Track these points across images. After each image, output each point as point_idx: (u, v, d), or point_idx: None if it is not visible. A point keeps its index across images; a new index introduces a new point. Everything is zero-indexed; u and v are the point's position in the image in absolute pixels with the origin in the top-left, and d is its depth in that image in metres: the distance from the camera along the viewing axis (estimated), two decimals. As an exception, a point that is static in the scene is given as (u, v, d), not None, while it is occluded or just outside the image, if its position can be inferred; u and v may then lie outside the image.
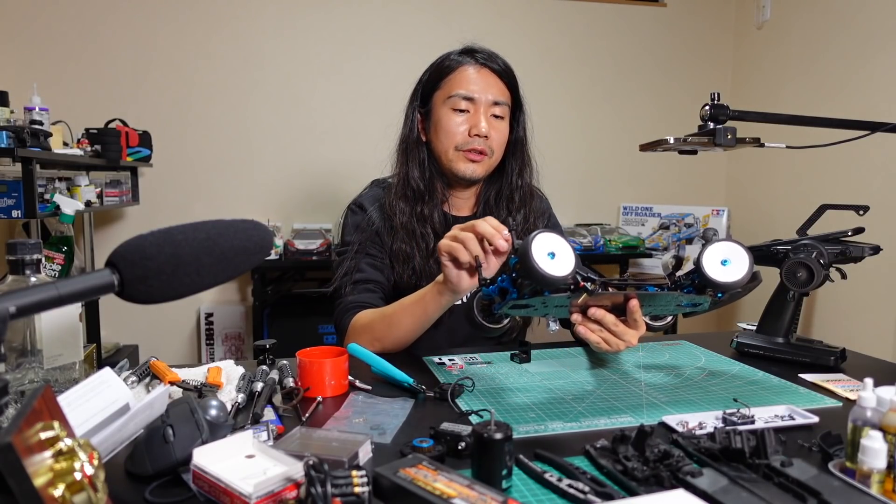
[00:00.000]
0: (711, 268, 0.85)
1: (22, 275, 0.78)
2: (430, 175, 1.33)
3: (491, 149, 1.31)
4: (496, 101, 1.30)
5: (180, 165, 2.87)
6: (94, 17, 2.74)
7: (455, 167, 1.31)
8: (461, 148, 1.29)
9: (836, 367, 1.11)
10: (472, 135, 1.28)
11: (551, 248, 0.80)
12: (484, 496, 0.58)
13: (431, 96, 1.34)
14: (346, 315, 1.24)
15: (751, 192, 3.28)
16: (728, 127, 1.10)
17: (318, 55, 2.96)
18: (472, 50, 1.32)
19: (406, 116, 1.37)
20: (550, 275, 0.78)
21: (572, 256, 0.81)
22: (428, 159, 1.34)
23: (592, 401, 0.93)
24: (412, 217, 1.31)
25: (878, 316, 2.49)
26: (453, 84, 1.30)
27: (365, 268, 1.29)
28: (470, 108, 1.29)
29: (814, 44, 2.85)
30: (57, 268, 2.13)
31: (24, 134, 1.81)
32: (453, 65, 1.32)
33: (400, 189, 1.32)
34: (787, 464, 0.64)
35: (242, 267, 0.61)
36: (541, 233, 0.81)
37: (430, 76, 1.35)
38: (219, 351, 2.93)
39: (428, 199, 1.32)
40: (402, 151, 1.35)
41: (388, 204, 1.32)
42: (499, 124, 1.31)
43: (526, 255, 0.79)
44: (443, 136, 1.30)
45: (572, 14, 3.20)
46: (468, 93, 1.28)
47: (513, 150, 1.37)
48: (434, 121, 1.32)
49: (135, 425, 0.71)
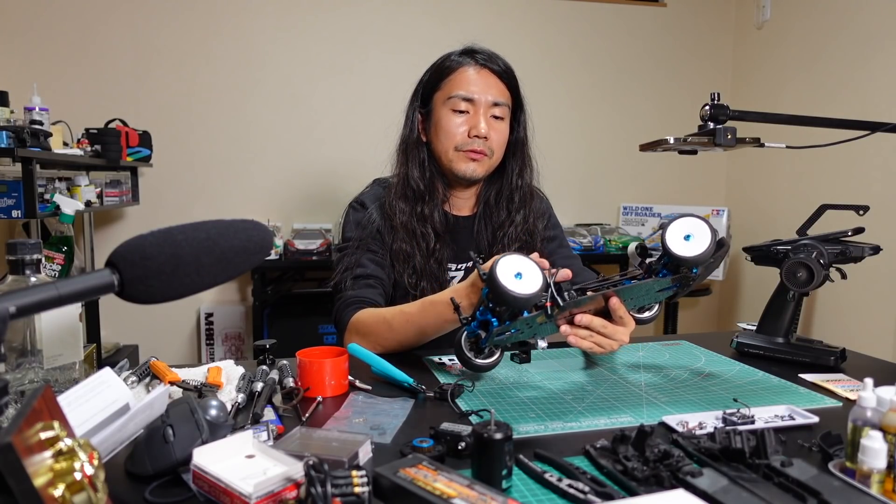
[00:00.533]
0: (676, 245, 0.86)
1: (22, 275, 0.78)
2: (431, 175, 1.33)
3: (490, 149, 1.30)
4: (496, 102, 1.30)
5: (180, 165, 2.87)
6: (94, 17, 2.74)
7: (455, 167, 1.31)
8: (461, 148, 1.29)
9: (836, 367, 1.11)
10: (472, 136, 1.28)
11: (517, 268, 0.84)
12: (484, 496, 0.58)
13: (432, 97, 1.34)
14: (347, 311, 1.23)
15: (751, 192, 3.28)
16: (728, 127, 1.10)
17: (318, 55, 2.96)
18: (472, 50, 1.32)
19: (406, 117, 1.37)
20: (520, 294, 0.82)
21: (539, 273, 0.84)
22: (428, 159, 1.34)
23: (592, 401, 0.93)
24: (412, 217, 1.31)
25: (878, 316, 2.49)
26: (453, 85, 1.30)
27: (366, 263, 1.29)
28: (470, 108, 1.29)
29: (814, 44, 2.85)
30: (57, 268, 2.13)
31: (24, 134, 1.81)
32: (453, 65, 1.31)
33: (400, 189, 1.32)
34: (787, 464, 0.64)
35: (242, 267, 0.61)
36: (503, 256, 0.85)
37: (431, 77, 1.35)
38: (219, 351, 2.93)
39: (428, 199, 1.32)
40: (402, 151, 1.35)
41: (388, 204, 1.32)
42: (498, 125, 1.31)
43: (493, 280, 0.82)
44: (443, 136, 1.31)
45: (572, 14, 3.20)
46: (468, 94, 1.29)
47: (513, 151, 1.37)
48: (434, 121, 1.32)
49: (135, 425, 0.71)
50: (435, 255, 1.31)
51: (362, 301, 1.24)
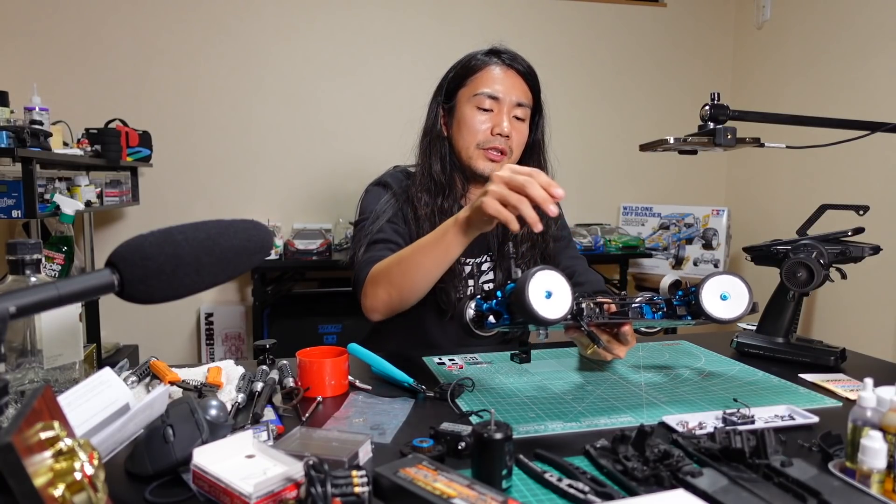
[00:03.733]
0: (710, 302, 0.85)
1: (22, 275, 0.78)
2: (451, 170, 1.34)
3: (510, 149, 1.31)
4: (519, 103, 1.31)
5: (180, 165, 2.87)
6: (94, 17, 2.74)
7: (475, 164, 1.31)
8: (482, 146, 1.30)
9: (836, 367, 1.11)
10: (495, 134, 1.29)
11: (549, 286, 0.78)
12: (484, 496, 0.58)
13: (456, 93, 1.35)
14: (364, 269, 1.19)
15: (751, 192, 3.28)
16: (728, 127, 1.10)
17: (319, 55, 2.96)
18: (497, 51, 1.34)
19: (429, 111, 1.38)
20: (544, 317, 0.76)
21: (569, 296, 0.79)
22: (449, 154, 1.35)
23: (592, 401, 0.93)
24: (434, 209, 1.31)
25: (878, 316, 2.49)
26: (479, 83, 1.31)
27: (387, 229, 1.28)
28: (494, 107, 1.30)
29: (814, 44, 2.85)
30: (57, 268, 2.13)
31: (24, 134, 1.81)
32: (480, 64, 1.33)
33: (423, 181, 1.33)
34: (787, 464, 0.64)
35: (242, 267, 0.61)
36: (540, 270, 0.78)
37: (456, 73, 1.36)
38: (219, 351, 2.93)
39: (448, 193, 1.33)
40: (425, 144, 1.36)
41: (413, 194, 1.33)
42: (520, 126, 1.32)
43: (522, 294, 0.76)
44: (465, 132, 1.31)
45: (572, 14, 3.21)
46: (493, 92, 1.29)
47: (529, 153, 1.37)
48: (458, 117, 1.33)
49: (135, 425, 0.71)
50: None
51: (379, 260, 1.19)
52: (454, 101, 1.35)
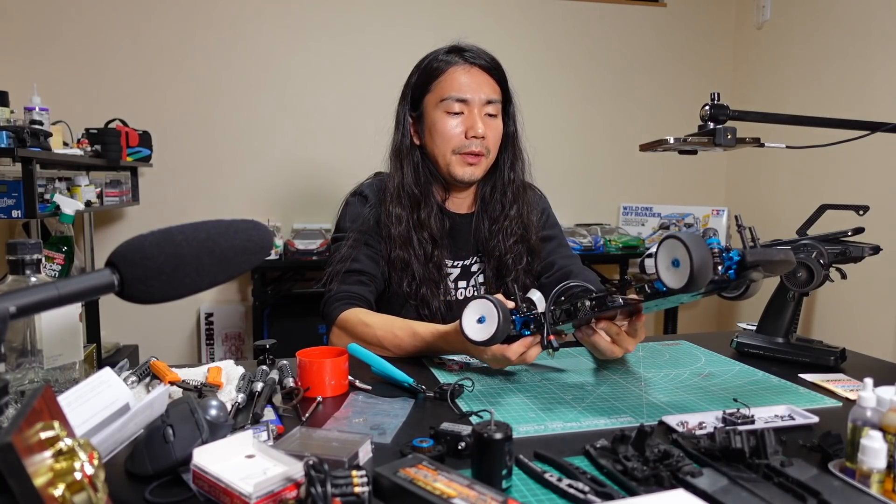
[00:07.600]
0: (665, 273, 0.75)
1: (22, 275, 0.78)
2: (426, 179, 1.31)
3: (487, 149, 1.29)
4: (489, 100, 1.28)
5: (180, 165, 2.87)
6: (94, 17, 2.74)
7: (453, 171, 1.29)
8: (458, 151, 1.27)
9: (836, 367, 1.11)
10: (469, 136, 1.26)
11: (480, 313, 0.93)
12: (484, 496, 0.58)
13: (422, 100, 1.31)
14: (336, 305, 1.23)
15: (751, 192, 3.28)
16: (728, 127, 1.10)
17: (317, 55, 2.96)
18: (459, 48, 1.30)
19: (397, 121, 1.34)
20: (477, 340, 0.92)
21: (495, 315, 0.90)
22: (422, 163, 1.32)
23: (592, 401, 0.93)
24: (409, 224, 1.28)
25: (878, 316, 2.49)
26: (445, 87, 1.27)
27: (361, 258, 1.27)
28: (464, 109, 1.27)
29: (814, 44, 2.85)
30: (57, 268, 2.13)
31: (24, 134, 1.80)
32: (442, 66, 1.29)
33: (395, 195, 1.30)
34: (787, 464, 0.64)
35: (242, 267, 0.61)
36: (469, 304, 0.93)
37: (419, 79, 1.32)
38: (219, 351, 2.93)
39: (424, 204, 1.30)
40: (395, 157, 1.33)
41: (385, 211, 1.30)
42: (493, 122, 1.30)
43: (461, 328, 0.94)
44: (439, 140, 1.28)
45: (572, 14, 3.20)
46: (461, 94, 1.26)
47: (505, 144, 1.35)
48: (428, 125, 1.30)
49: (135, 425, 0.71)
50: (433, 260, 1.30)
51: (351, 297, 1.23)
52: (421, 107, 1.31)
